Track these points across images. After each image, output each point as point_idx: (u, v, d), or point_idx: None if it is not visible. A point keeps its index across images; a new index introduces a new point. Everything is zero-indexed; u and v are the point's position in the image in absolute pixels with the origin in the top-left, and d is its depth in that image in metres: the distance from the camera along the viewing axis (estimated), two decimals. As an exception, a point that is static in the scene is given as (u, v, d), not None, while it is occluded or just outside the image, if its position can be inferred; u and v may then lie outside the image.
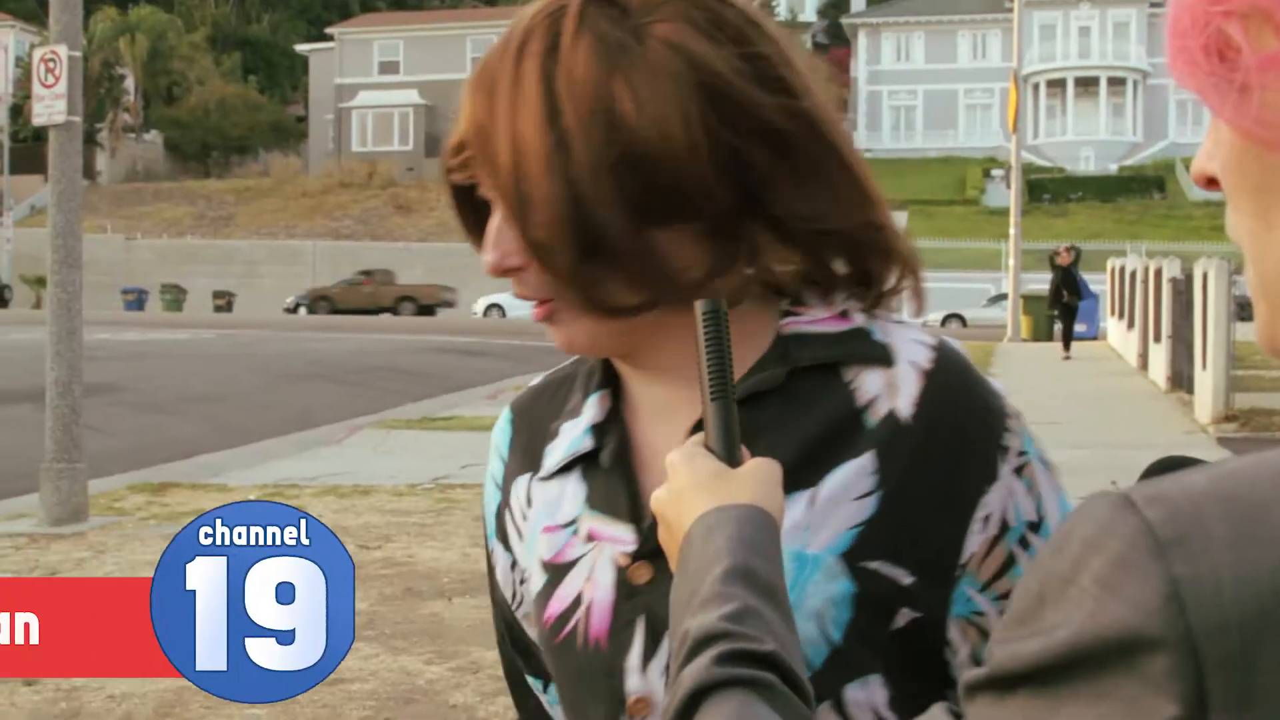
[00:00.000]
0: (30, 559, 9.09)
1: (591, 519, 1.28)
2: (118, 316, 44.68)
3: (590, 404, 1.31)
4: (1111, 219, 63.95)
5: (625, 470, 1.27)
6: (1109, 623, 0.70)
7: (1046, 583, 0.74)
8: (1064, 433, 14.36)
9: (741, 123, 1.19)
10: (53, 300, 10.43)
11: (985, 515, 1.23)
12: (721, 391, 1.12)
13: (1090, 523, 0.73)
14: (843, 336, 1.26)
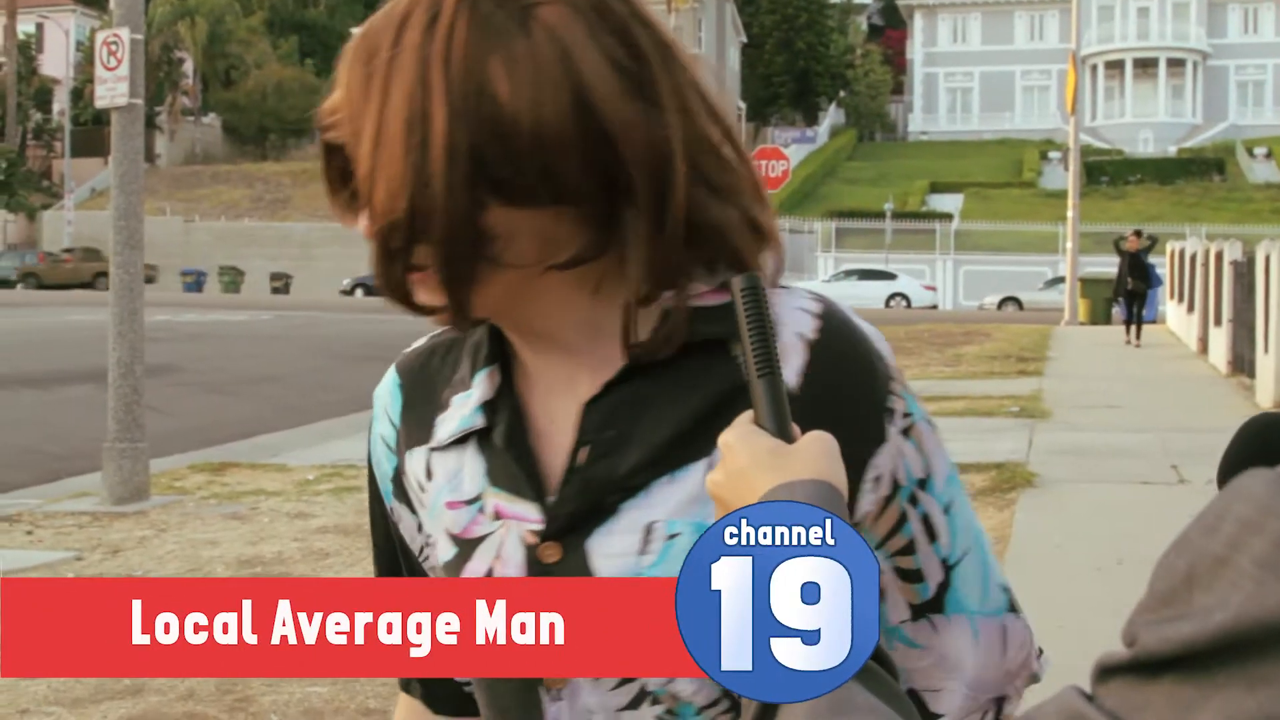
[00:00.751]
0: (93, 537, 9.19)
1: (495, 496, 1.28)
2: (177, 298, 45.07)
3: (479, 380, 1.31)
4: (1170, 201, 63.35)
5: (522, 448, 1.27)
6: (1273, 606, 0.67)
7: (1197, 563, 0.71)
8: (1123, 417, 14.26)
9: (606, 124, 1.18)
10: (115, 281, 10.53)
11: (875, 476, 1.25)
12: (768, 367, 1.10)
13: (1248, 502, 0.70)
14: (724, 310, 1.24)
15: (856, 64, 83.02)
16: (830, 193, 65.95)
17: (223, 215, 63.44)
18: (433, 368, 1.38)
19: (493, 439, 1.29)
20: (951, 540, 1.30)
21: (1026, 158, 72.39)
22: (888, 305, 47.48)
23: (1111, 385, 17.49)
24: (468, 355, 1.35)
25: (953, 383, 18.23)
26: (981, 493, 10.09)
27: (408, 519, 1.39)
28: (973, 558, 1.32)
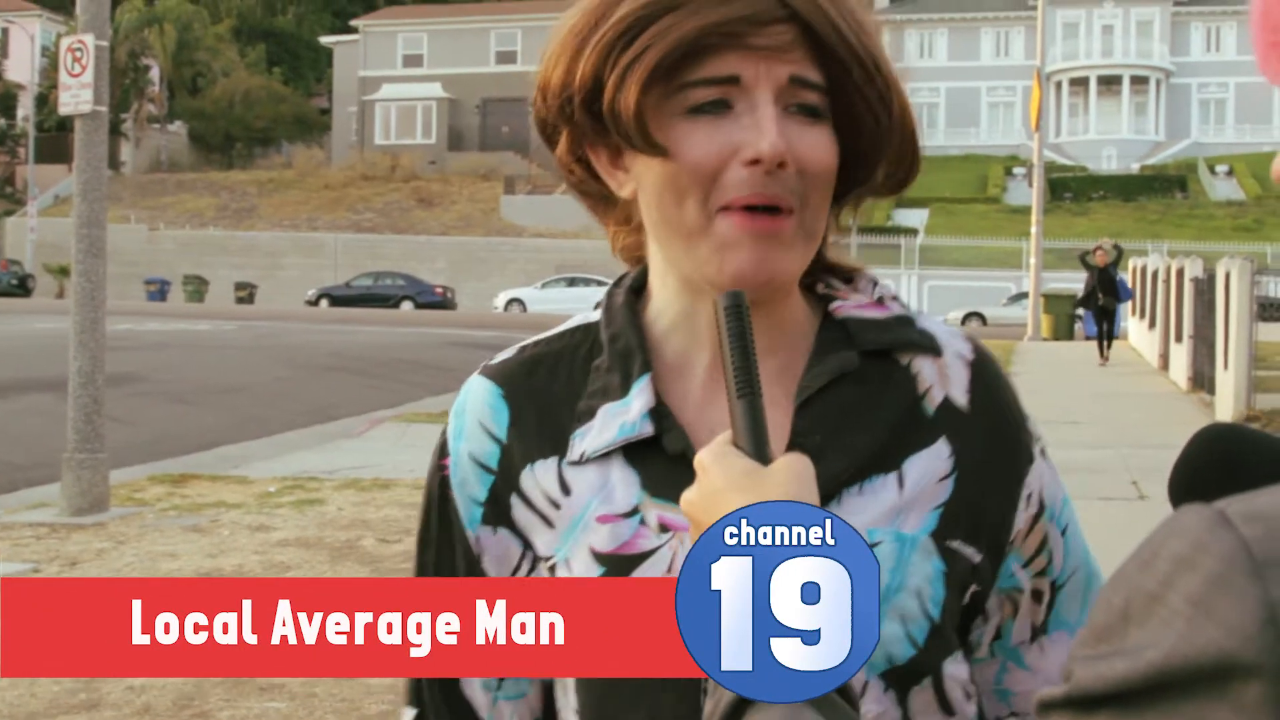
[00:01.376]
0: (50, 549, 9.13)
1: (658, 508, 1.24)
2: (140, 307, 44.82)
3: (640, 388, 1.27)
4: (1133, 218, 63.69)
5: (689, 458, 1.22)
6: (1202, 646, 0.67)
7: (1132, 599, 0.71)
8: (1084, 432, 14.33)
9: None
10: (77, 290, 10.48)
11: (1028, 494, 1.30)
12: (748, 388, 1.10)
13: (1182, 538, 0.70)
14: (891, 323, 1.30)
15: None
16: (796, 206, 66.06)
17: (188, 224, 63.11)
18: (540, 380, 1.33)
19: (660, 446, 1.25)
20: (1064, 563, 1.33)
21: (991, 173, 72.69)
22: (852, 319, 47.51)
23: (1073, 401, 17.57)
24: (614, 363, 1.29)
25: (916, 397, 18.27)
26: (943, 508, 10.13)
27: (502, 545, 1.31)
28: (1078, 575, 1.34)
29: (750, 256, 1.20)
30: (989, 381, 1.30)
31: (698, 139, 1.19)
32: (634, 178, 1.25)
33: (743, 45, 1.17)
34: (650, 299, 1.32)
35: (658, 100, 1.19)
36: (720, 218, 1.20)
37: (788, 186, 1.19)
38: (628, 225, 1.33)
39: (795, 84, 1.19)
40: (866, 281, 1.35)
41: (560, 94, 1.24)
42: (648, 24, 1.18)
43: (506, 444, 1.31)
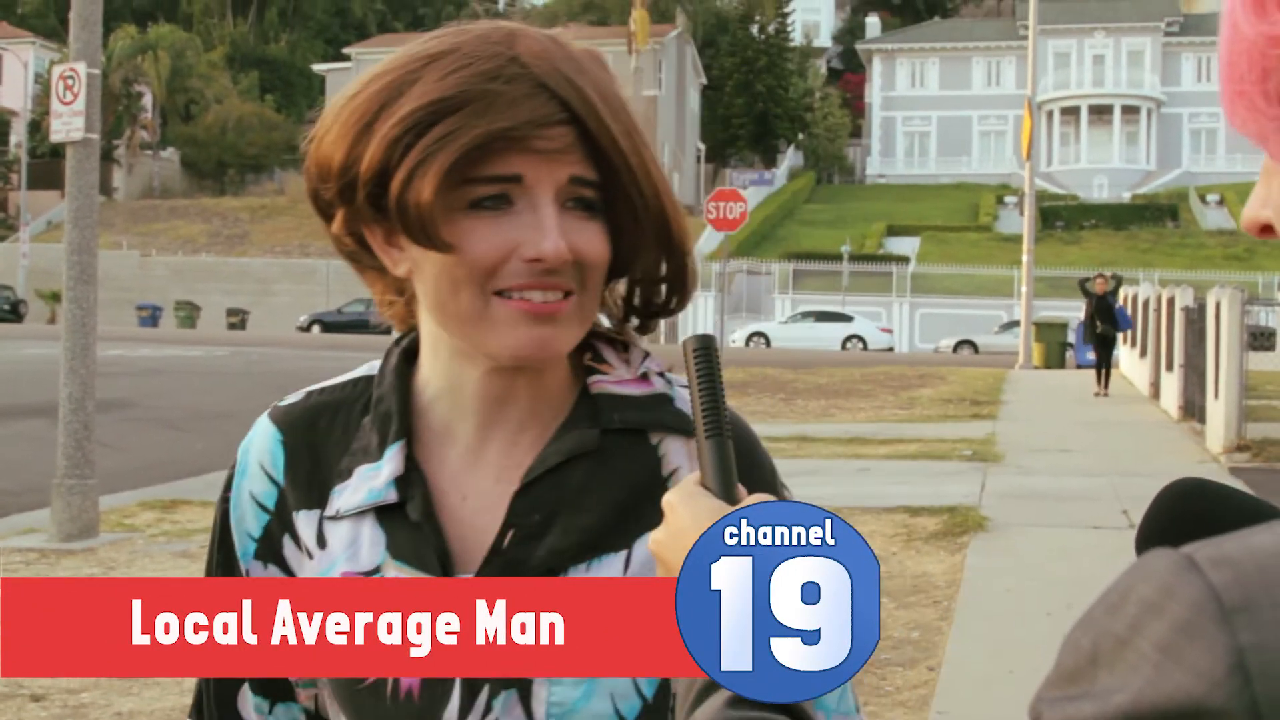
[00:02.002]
0: (40, 574, 9.10)
1: (397, 569, 1.28)
2: (132, 333, 44.77)
3: (392, 454, 1.31)
4: (1124, 247, 63.87)
5: (432, 523, 1.28)
6: (1170, 692, 0.67)
7: (1100, 642, 0.71)
8: (1075, 461, 14.34)
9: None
10: (67, 316, 10.46)
11: None
12: (716, 429, 1.11)
13: (1150, 583, 0.70)
14: (649, 401, 1.32)
15: (815, 107, 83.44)
16: (788, 234, 66.18)
17: (180, 250, 63.12)
18: (320, 429, 1.37)
19: (403, 513, 1.29)
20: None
21: (983, 202, 72.89)
22: (844, 347, 47.60)
23: (1064, 429, 17.59)
24: (374, 424, 1.34)
25: (907, 425, 18.31)
26: (933, 536, 10.13)
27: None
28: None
29: (529, 336, 1.24)
30: (739, 468, 1.25)
31: (479, 235, 1.22)
32: (408, 258, 1.28)
33: (526, 148, 1.21)
34: (421, 365, 1.36)
35: (441, 193, 1.22)
36: (497, 301, 1.24)
37: (565, 275, 1.24)
38: (400, 295, 1.37)
39: (574, 182, 1.24)
40: (638, 354, 1.36)
41: (340, 177, 1.26)
42: (433, 123, 1.20)
43: (284, 488, 1.36)
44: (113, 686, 6.61)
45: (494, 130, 1.19)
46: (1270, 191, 0.81)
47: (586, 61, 1.26)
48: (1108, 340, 23.26)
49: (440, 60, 1.23)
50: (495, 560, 1.27)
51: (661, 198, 1.27)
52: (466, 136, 1.19)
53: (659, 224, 1.27)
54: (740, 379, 25.61)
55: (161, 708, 6.27)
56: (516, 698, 1.23)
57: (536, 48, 1.24)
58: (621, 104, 1.26)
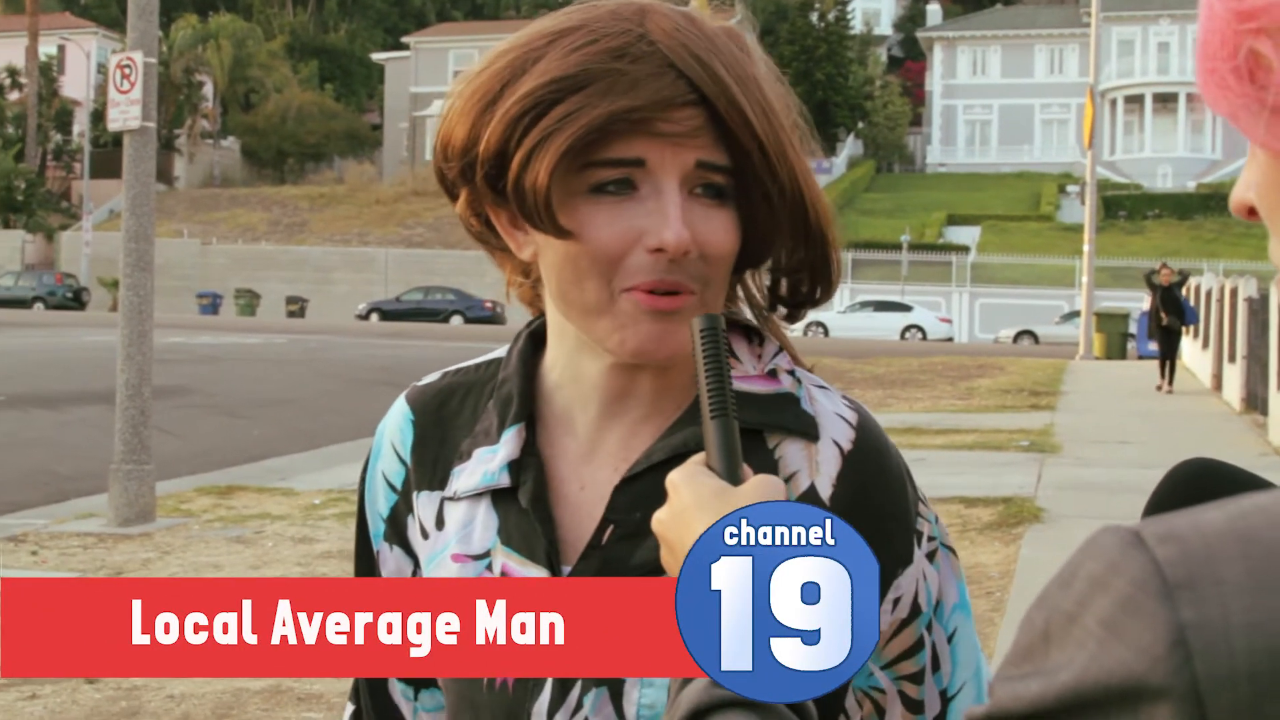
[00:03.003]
0: (97, 558, 9.19)
1: (505, 555, 1.27)
2: (192, 320, 45.18)
3: (508, 437, 1.29)
4: (1188, 237, 63.24)
5: (542, 512, 1.26)
6: (1112, 668, 0.67)
7: (1052, 619, 0.71)
8: (1134, 453, 14.21)
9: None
10: (124, 303, 10.55)
11: (896, 597, 1.25)
12: (721, 409, 1.11)
13: (1098, 559, 0.71)
14: (771, 401, 1.27)
15: (875, 95, 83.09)
16: (847, 224, 65.96)
17: (240, 238, 63.62)
18: (450, 410, 1.36)
19: (515, 499, 1.28)
20: (953, 671, 1.30)
21: (1044, 191, 72.33)
22: (903, 337, 47.43)
23: (1124, 421, 17.44)
24: (495, 407, 1.32)
25: (964, 416, 18.21)
26: (988, 527, 10.07)
27: (395, 561, 1.36)
28: (969, 689, 1.31)
29: (652, 333, 1.20)
30: (863, 475, 1.25)
31: (601, 222, 1.19)
32: (533, 242, 1.25)
33: (650, 130, 1.17)
34: (547, 350, 1.34)
35: (561, 176, 1.18)
36: (623, 297, 1.20)
37: (689, 272, 1.20)
38: (526, 278, 1.34)
39: (701, 168, 1.20)
40: (770, 348, 1.32)
41: (462, 156, 1.23)
42: (554, 103, 1.17)
43: (410, 469, 1.36)
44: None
45: (616, 111, 1.15)
46: (1250, 173, 0.81)
47: (722, 40, 1.21)
48: (1173, 334, 22.30)
49: (566, 36, 1.19)
50: (593, 556, 1.24)
51: (800, 183, 1.23)
52: (587, 117, 1.15)
53: (796, 210, 1.23)
54: (797, 368, 25.52)
55: (213, 690, 6.31)
56: (607, 696, 1.22)
57: (668, 25, 1.19)
58: (758, 84, 1.22)
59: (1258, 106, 0.77)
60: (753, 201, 1.21)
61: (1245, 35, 0.77)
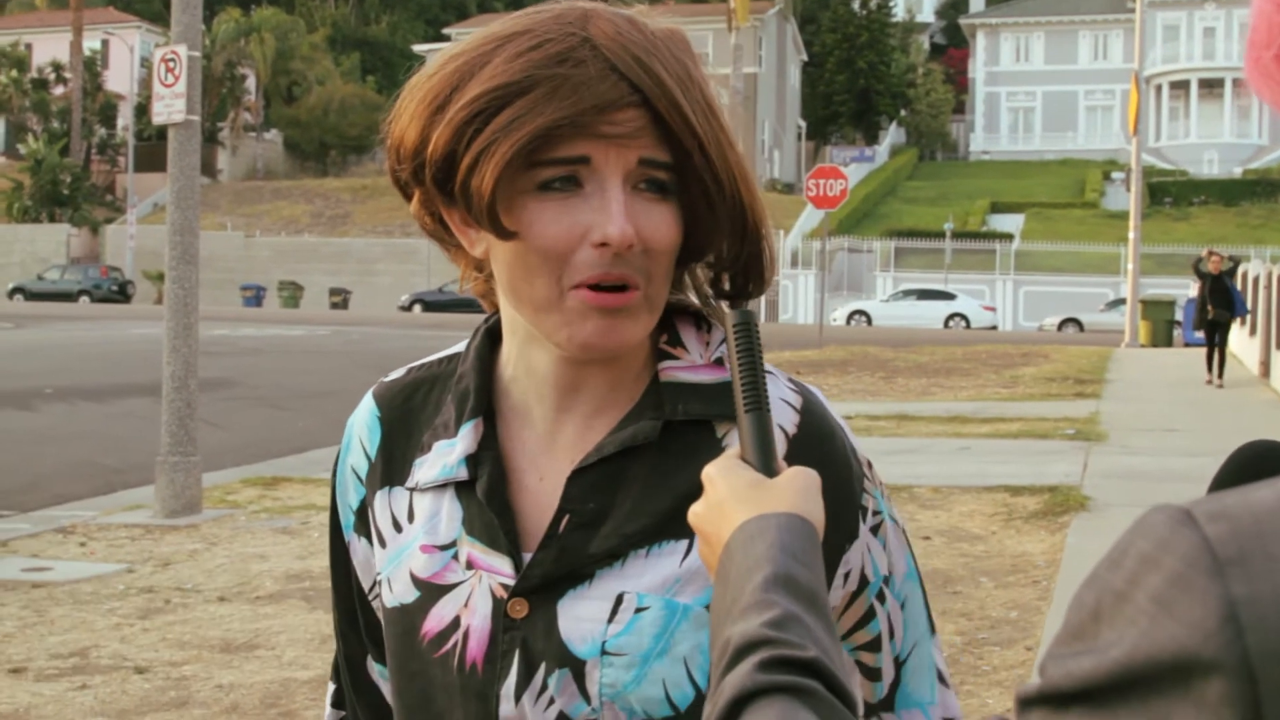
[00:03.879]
0: (144, 550, 9.26)
1: (470, 545, 1.31)
2: (236, 313, 45.43)
3: (465, 431, 1.33)
4: (1235, 223, 62.71)
5: (499, 503, 1.30)
6: (1164, 643, 0.68)
7: (1102, 598, 0.72)
8: (1181, 441, 14.11)
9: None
10: (170, 296, 10.61)
11: (846, 571, 1.29)
12: (755, 403, 1.13)
13: (1148, 538, 0.71)
14: (716, 390, 1.30)
15: (918, 83, 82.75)
16: (890, 212, 65.71)
17: (283, 230, 63.90)
18: (415, 404, 1.40)
19: (473, 490, 1.31)
20: (904, 636, 1.34)
21: (1089, 178, 71.86)
22: (946, 326, 47.23)
23: (1170, 409, 17.32)
24: (454, 400, 1.36)
25: (1009, 404, 18.11)
26: (1034, 516, 10.01)
27: (364, 552, 1.40)
28: (921, 648, 1.36)
29: (598, 328, 1.23)
30: (808, 458, 1.25)
31: (548, 219, 1.22)
32: (485, 239, 1.28)
33: (593, 133, 1.20)
34: (504, 344, 1.38)
35: (509, 176, 1.21)
36: (570, 294, 1.23)
37: (634, 265, 1.22)
38: (480, 273, 1.38)
39: (644, 164, 1.22)
40: (718, 337, 1.34)
41: (413, 158, 1.27)
42: (500, 109, 1.20)
43: (374, 463, 1.40)
44: (214, 660, 6.70)
45: (559, 117, 1.18)
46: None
47: (663, 42, 1.24)
48: (1220, 325, 20.74)
49: (512, 41, 1.22)
50: (551, 545, 1.27)
51: (738, 182, 1.25)
52: (531, 123, 1.19)
53: (734, 209, 1.26)
54: (840, 357, 25.49)
55: (261, 680, 6.34)
56: (570, 676, 1.25)
57: (609, 29, 1.22)
58: (699, 85, 1.24)
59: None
60: (693, 198, 1.24)
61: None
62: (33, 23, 79.02)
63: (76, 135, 69.33)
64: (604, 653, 1.24)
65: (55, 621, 7.43)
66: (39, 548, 9.32)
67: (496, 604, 1.28)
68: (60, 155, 65.12)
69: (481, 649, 1.28)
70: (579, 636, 1.24)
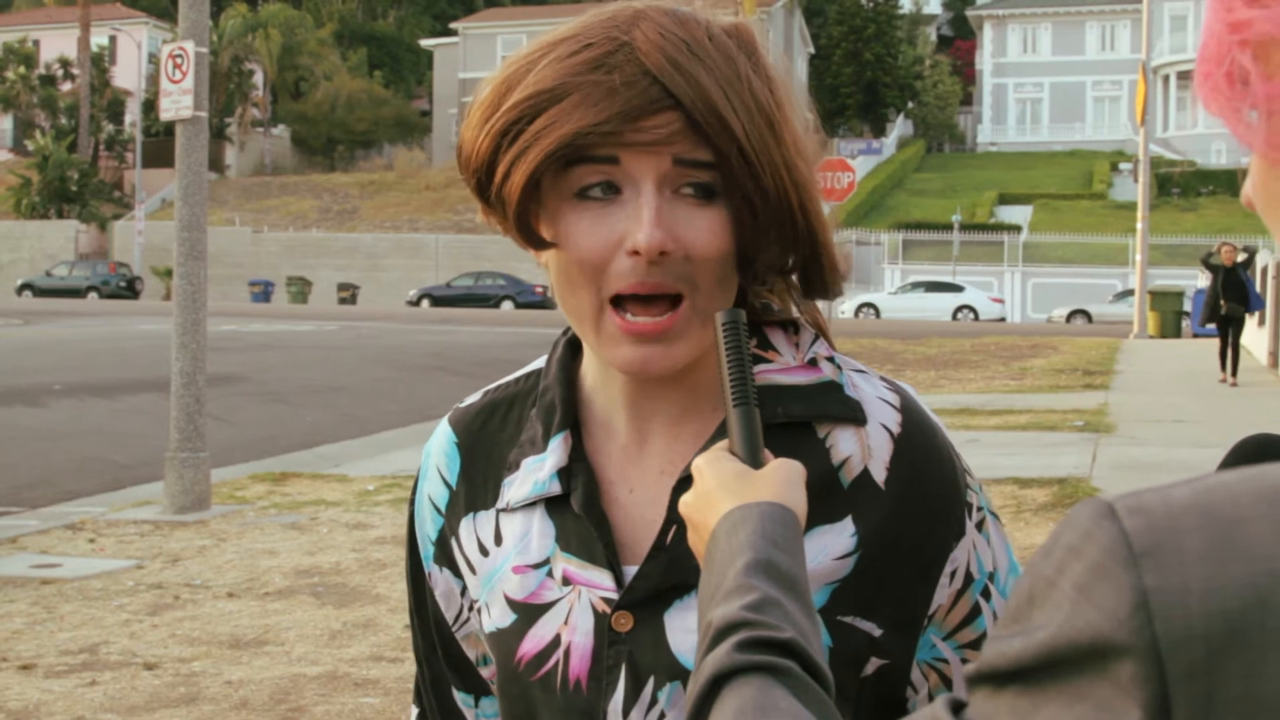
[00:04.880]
0: (154, 546, 9.27)
1: (565, 561, 1.28)
2: (245, 308, 45.46)
3: (555, 445, 1.30)
4: (1243, 214, 62.48)
5: (596, 515, 1.27)
6: (1082, 627, 0.73)
7: (1035, 584, 0.77)
8: (1189, 431, 14.09)
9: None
10: (178, 292, 10.62)
11: (953, 570, 1.28)
12: (743, 398, 1.16)
13: (1075, 529, 0.76)
14: (815, 390, 1.28)
15: (925, 75, 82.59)
16: (897, 204, 65.63)
17: (291, 226, 63.91)
18: (493, 426, 1.38)
19: (568, 504, 1.29)
20: None
21: (1097, 169, 71.72)
22: (955, 318, 47.18)
23: (1179, 400, 17.29)
24: (539, 415, 1.33)
25: (1017, 396, 18.09)
26: (1043, 508, 10.00)
27: (446, 583, 1.39)
28: None
29: (634, 356, 1.21)
30: (914, 456, 1.27)
31: (584, 228, 1.20)
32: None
33: (620, 141, 1.18)
34: (584, 355, 1.35)
35: (549, 184, 1.20)
36: (609, 314, 1.21)
37: (674, 273, 1.19)
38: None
39: (682, 165, 1.19)
40: (807, 337, 1.32)
41: (465, 166, 1.26)
42: (533, 117, 1.18)
43: (455, 490, 1.38)
44: (223, 656, 6.71)
45: (584, 126, 1.16)
46: (1249, 170, 0.90)
47: (709, 43, 1.20)
48: (1233, 320, 19.30)
49: (558, 47, 1.20)
50: (659, 556, 1.25)
51: (786, 186, 1.21)
52: (557, 133, 1.17)
53: (780, 213, 1.21)
54: (849, 350, 25.24)
55: (270, 676, 6.35)
56: (681, 689, 1.22)
57: (653, 32, 1.19)
58: (747, 83, 1.20)
59: (1244, 110, 0.84)
60: (736, 203, 1.21)
61: (1233, 45, 0.83)
62: (40, 19, 79.14)
63: (84, 131, 69.38)
64: None
65: (64, 618, 7.44)
66: (48, 544, 9.33)
67: (599, 619, 1.26)
68: (68, 151, 65.16)
69: (585, 666, 1.26)
70: (690, 648, 1.21)
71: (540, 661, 1.27)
